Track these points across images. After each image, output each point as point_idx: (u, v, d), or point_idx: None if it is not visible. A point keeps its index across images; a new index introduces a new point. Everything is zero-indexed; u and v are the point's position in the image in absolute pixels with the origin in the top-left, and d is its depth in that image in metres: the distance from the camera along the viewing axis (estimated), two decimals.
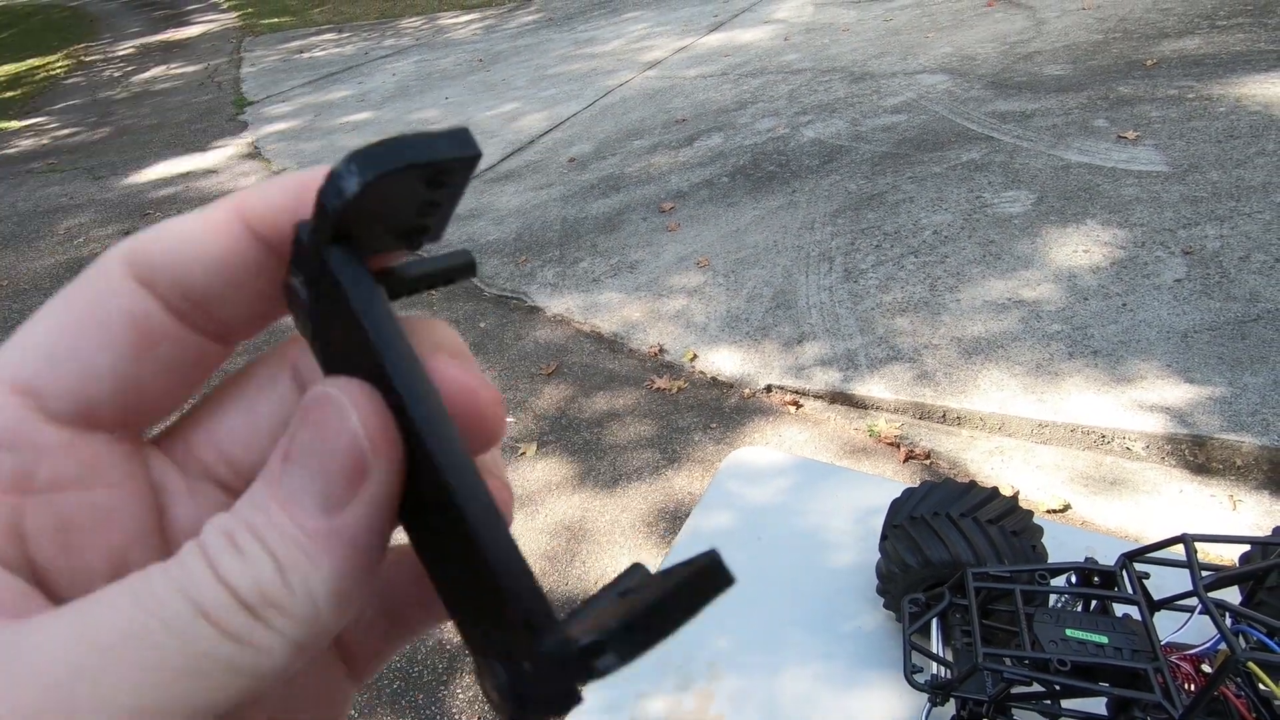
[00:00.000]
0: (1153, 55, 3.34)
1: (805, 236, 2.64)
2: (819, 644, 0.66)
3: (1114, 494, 1.61)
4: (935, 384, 1.91)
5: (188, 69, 7.52)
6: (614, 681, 0.66)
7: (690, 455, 1.94)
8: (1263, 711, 0.41)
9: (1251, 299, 1.90)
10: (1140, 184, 2.45)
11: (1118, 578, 0.47)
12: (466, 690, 1.50)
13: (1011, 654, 0.43)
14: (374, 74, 6.02)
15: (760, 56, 4.62)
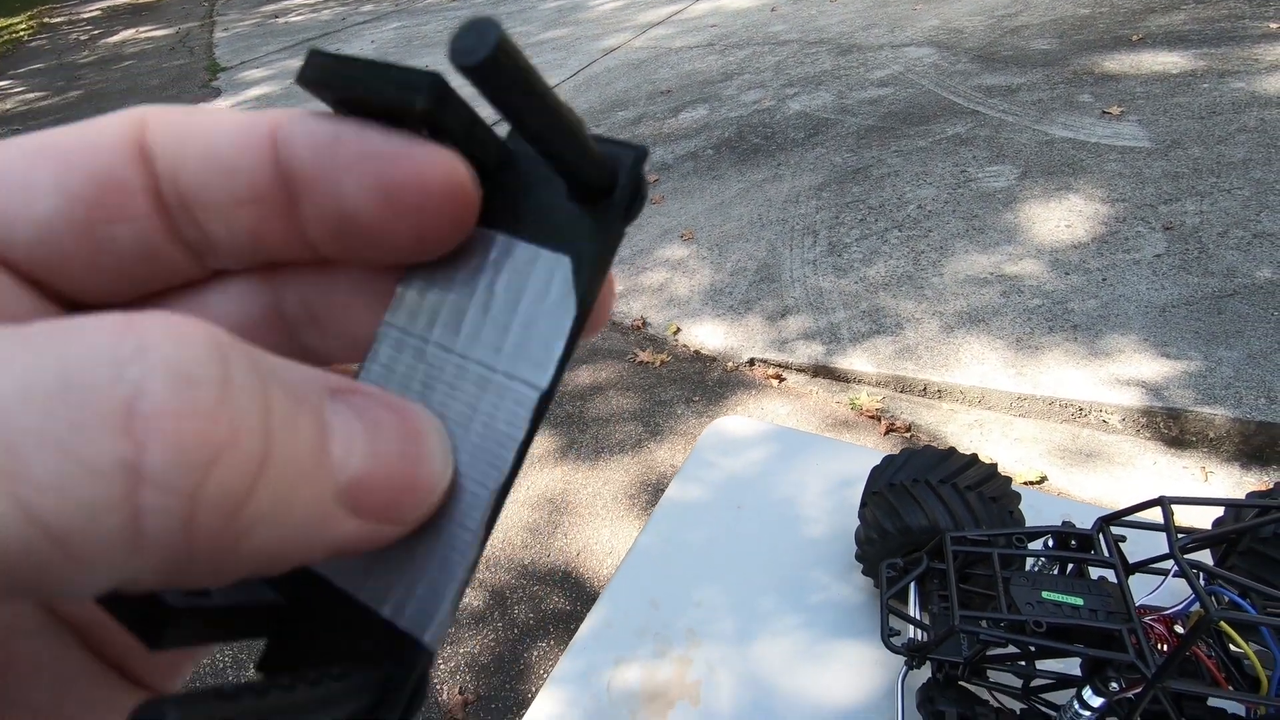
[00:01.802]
0: (1139, 30, 3.34)
1: (790, 210, 2.62)
2: (797, 610, 0.66)
3: (1090, 466, 1.63)
4: (917, 357, 1.92)
5: (158, 32, 7.28)
6: (591, 649, 0.66)
7: (673, 428, 1.94)
8: (1232, 671, 0.41)
9: (1228, 274, 1.92)
10: (1123, 159, 2.46)
11: (1094, 541, 0.47)
12: (447, 661, 1.50)
13: (988, 616, 0.43)
14: (353, 40, 5.86)
15: (747, 27, 4.56)
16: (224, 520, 0.09)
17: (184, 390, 0.09)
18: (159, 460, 0.09)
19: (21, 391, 0.08)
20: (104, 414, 0.09)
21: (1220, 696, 0.39)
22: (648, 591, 0.70)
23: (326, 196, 0.13)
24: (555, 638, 1.51)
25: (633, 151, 0.14)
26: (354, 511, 0.11)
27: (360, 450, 0.11)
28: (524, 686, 1.44)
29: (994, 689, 0.48)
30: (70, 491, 0.08)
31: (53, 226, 0.12)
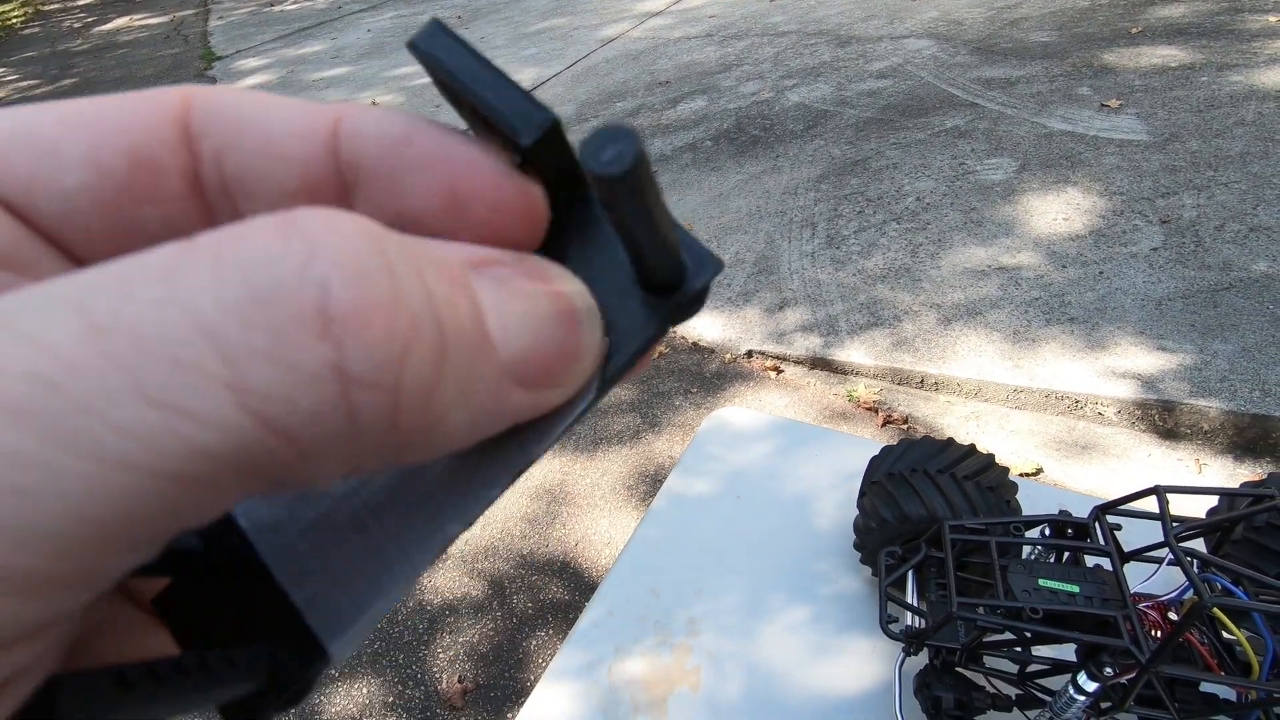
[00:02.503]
0: (1138, 22, 3.33)
1: (788, 202, 2.62)
2: (796, 599, 0.67)
3: (1085, 458, 1.64)
4: (914, 350, 1.93)
5: (152, 20, 7.22)
6: (592, 638, 0.67)
7: (671, 420, 1.94)
8: (1225, 656, 0.42)
9: (1224, 268, 1.93)
10: (1121, 152, 2.46)
11: (1090, 530, 0.47)
12: (447, 650, 1.51)
13: (985, 603, 0.44)
14: (348, 29, 5.82)
15: (746, 18, 4.54)
16: (423, 407, 0.10)
17: (362, 286, 0.09)
18: (359, 359, 0.09)
19: (217, 304, 0.09)
20: (300, 319, 0.09)
21: (1213, 681, 0.40)
22: (648, 581, 0.71)
23: (388, 194, 0.13)
24: (554, 627, 1.52)
25: (711, 261, 0.13)
26: (522, 383, 0.12)
27: (515, 323, 0.12)
28: (523, 675, 1.45)
29: (990, 675, 0.49)
30: (293, 398, 0.09)
31: (80, 200, 0.12)
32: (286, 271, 0.09)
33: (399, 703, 1.43)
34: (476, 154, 0.13)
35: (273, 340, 0.09)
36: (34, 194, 0.12)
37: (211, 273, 0.09)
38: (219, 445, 0.08)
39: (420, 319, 0.10)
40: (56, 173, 0.12)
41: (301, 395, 0.09)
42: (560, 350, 0.12)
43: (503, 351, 0.11)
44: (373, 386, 0.09)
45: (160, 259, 0.09)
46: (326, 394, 0.09)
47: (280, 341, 0.09)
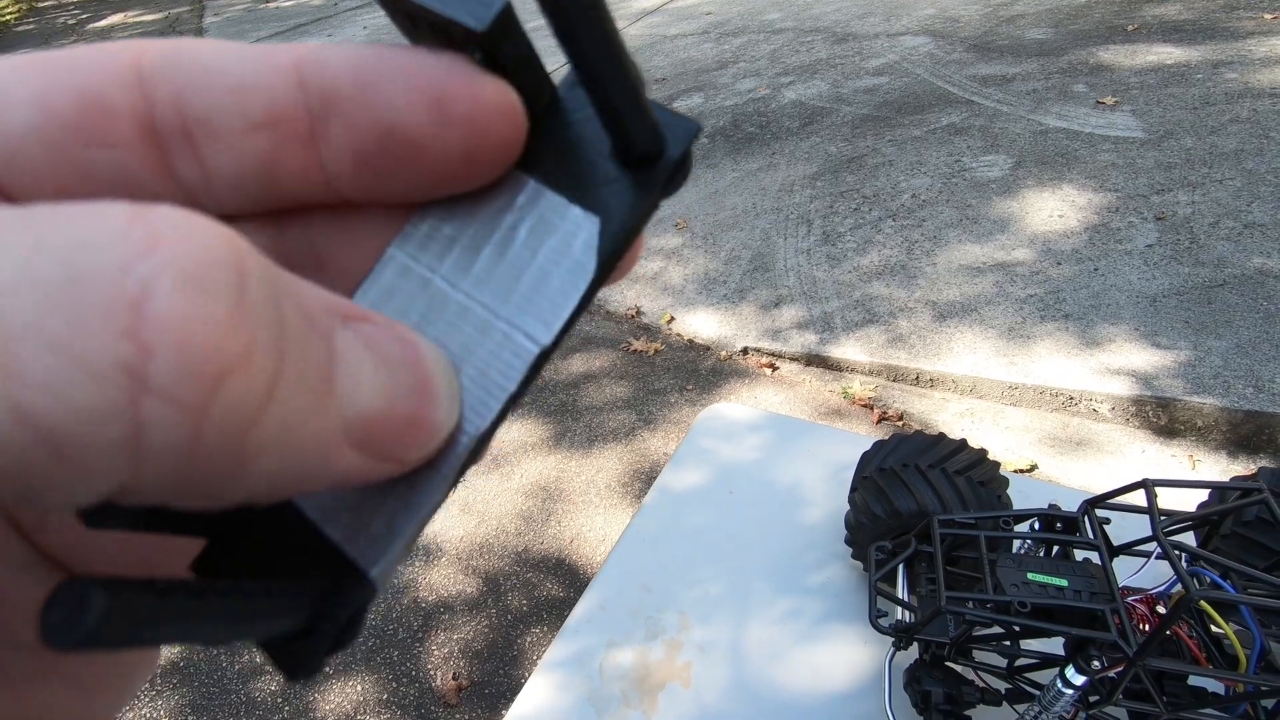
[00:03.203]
0: (1134, 20, 3.33)
1: (784, 199, 2.62)
2: (787, 593, 0.67)
3: (1079, 454, 1.65)
4: (909, 347, 1.93)
5: (147, 17, 7.20)
6: (584, 631, 0.67)
7: (666, 416, 1.94)
8: (1213, 650, 0.42)
9: (1219, 264, 1.93)
10: (1116, 150, 2.46)
11: (1079, 524, 0.47)
12: (441, 647, 1.51)
13: (974, 597, 0.44)
14: (345, 26, 5.81)
15: (743, 15, 4.53)
16: (230, 442, 0.09)
17: (197, 295, 0.08)
18: (165, 369, 0.08)
19: (20, 278, 0.08)
20: (108, 311, 0.08)
21: (1200, 674, 0.40)
22: (640, 575, 0.71)
23: (366, 112, 0.12)
24: (548, 624, 1.52)
25: (686, 124, 0.13)
26: (356, 446, 0.11)
27: (368, 383, 0.11)
28: (517, 672, 1.45)
29: (979, 669, 0.49)
30: (67, 394, 0.08)
31: (26, 142, 0.11)
32: (112, 258, 0.08)
33: (393, 700, 1.43)
34: (446, 57, 0.12)
35: (65, 325, 0.08)
36: None
37: (32, 242, 0.08)
38: None
39: (258, 344, 0.09)
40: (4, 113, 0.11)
41: (77, 390, 0.08)
42: (408, 424, 0.12)
43: (346, 408, 0.10)
44: (172, 402, 0.08)
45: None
46: (109, 396, 0.08)
47: (75, 330, 0.08)
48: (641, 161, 0.13)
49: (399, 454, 0.12)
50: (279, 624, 0.11)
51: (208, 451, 0.09)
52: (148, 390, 0.08)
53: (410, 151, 0.12)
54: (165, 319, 0.08)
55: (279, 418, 0.09)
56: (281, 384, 0.09)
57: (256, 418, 0.09)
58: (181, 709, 1.46)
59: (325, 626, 0.12)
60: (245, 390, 0.09)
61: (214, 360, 0.08)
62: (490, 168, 0.13)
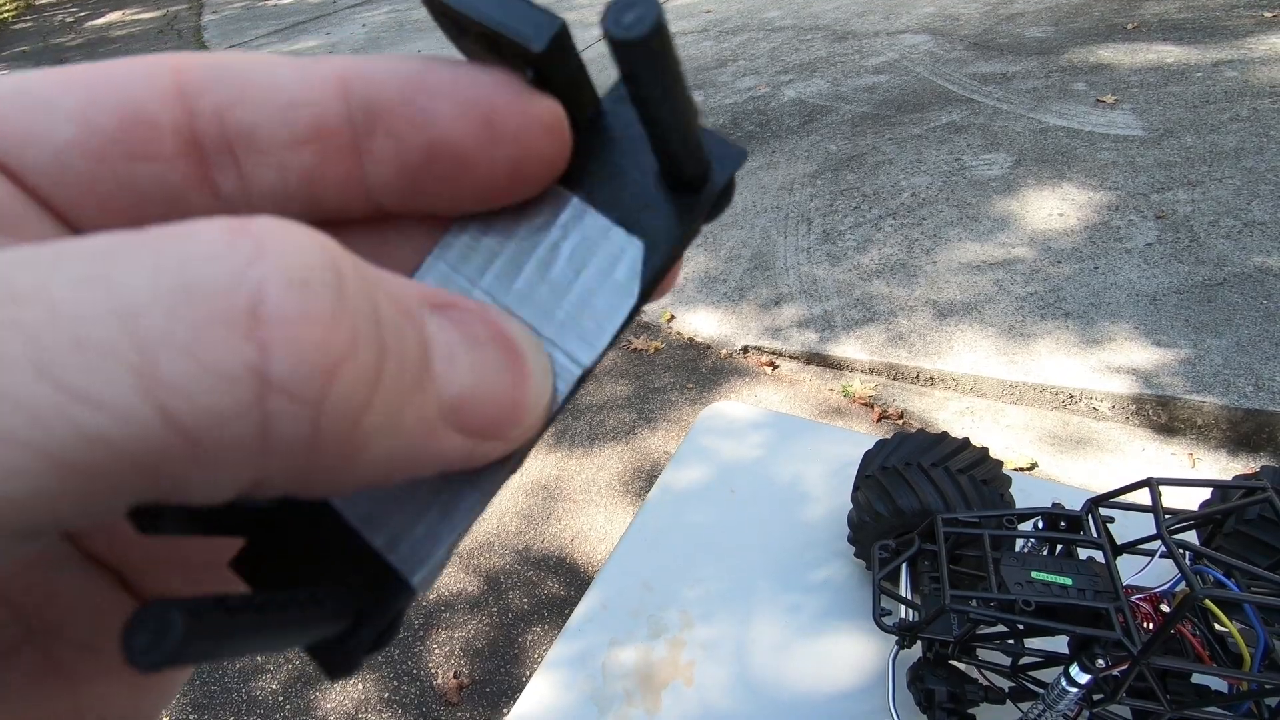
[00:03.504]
0: (1134, 18, 3.33)
1: (784, 197, 2.62)
2: (790, 592, 0.67)
3: (1079, 453, 1.65)
4: (910, 345, 1.93)
5: (145, 15, 7.18)
6: (586, 630, 0.67)
7: (666, 415, 1.94)
8: (1217, 648, 0.42)
9: (1219, 263, 1.93)
10: (1116, 148, 2.46)
11: (1083, 522, 0.47)
12: (442, 646, 1.51)
13: (978, 595, 0.44)
14: (343, 24, 5.79)
15: (742, 13, 4.53)
16: (346, 429, 0.09)
17: (303, 295, 0.09)
18: (284, 366, 0.09)
19: (150, 297, 0.08)
20: (228, 318, 0.08)
21: (1204, 673, 0.40)
22: (642, 574, 0.71)
23: (412, 127, 0.12)
24: (550, 622, 1.52)
25: (734, 152, 0.13)
26: (458, 428, 0.11)
27: (462, 366, 0.11)
28: (518, 670, 1.45)
29: (983, 667, 0.49)
30: (202, 396, 0.08)
31: (70, 155, 0.12)
32: (225, 269, 0.09)
33: (394, 698, 1.43)
34: (495, 73, 0.12)
35: (194, 333, 0.08)
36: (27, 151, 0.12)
37: (149, 260, 0.09)
38: (112, 431, 0.08)
39: (361, 337, 0.09)
40: (49, 129, 0.12)
41: (212, 394, 0.08)
42: (505, 403, 0.12)
43: (444, 391, 0.11)
44: (293, 397, 0.09)
45: (102, 240, 0.09)
46: (240, 396, 0.08)
47: (201, 335, 0.08)
48: (687, 186, 0.13)
49: (498, 432, 0.12)
50: (325, 629, 0.12)
51: (326, 441, 0.09)
52: (270, 387, 0.09)
53: (457, 166, 0.12)
54: (279, 320, 0.09)
55: (384, 404, 0.10)
56: (385, 372, 0.10)
57: (366, 405, 0.09)
58: (183, 707, 1.46)
59: (366, 629, 0.12)
60: (355, 380, 0.09)
61: (326, 354, 0.09)
62: (535, 184, 0.13)
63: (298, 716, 1.43)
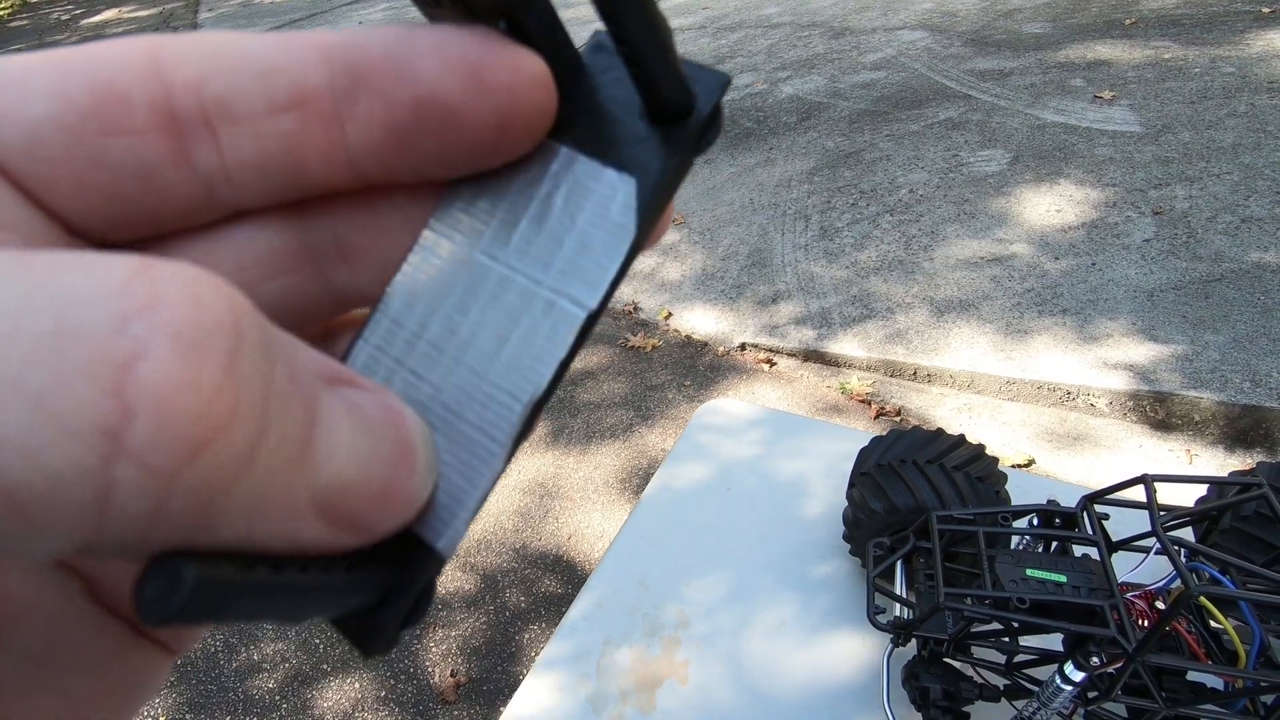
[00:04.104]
0: (1132, 14, 3.33)
1: (782, 194, 2.61)
2: (785, 590, 0.67)
3: (1076, 449, 1.65)
4: (907, 342, 1.93)
5: (141, 13, 7.16)
6: (582, 629, 0.66)
7: (663, 413, 1.94)
8: (1212, 645, 0.41)
9: (1216, 259, 1.93)
10: (1114, 144, 2.46)
11: (1078, 519, 0.47)
12: (439, 644, 1.51)
13: (972, 593, 0.44)
14: (340, 22, 5.78)
15: (740, 9, 4.52)
16: (196, 510, 0.09)
17: (189, 357, 0.08)
18: (145, 433, 0.08)
19: (10, 325, 0.07)
20: (94, 369, 0.08)
21: (1199, 670, 0.40)
22: (637, 572, 0.71)
23: (398, 85, 0.12)
24: (546, 621, 1.52)
25: (716, 77, 0.13)
26: (322, 515, 0.10)
27: (344, 452, 0.11)
28: (515, 669, 1.45)
29: (978, 665, 0.49)
30: (39, 454, 0.07)
31: (44, 132, 0.11)
32: (106, 315, 0.08)
33: (391, 697, 1.43)
34: (476, 29, 0.12)
35: (49, 380, 0.07)
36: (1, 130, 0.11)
37: (27, 293, 0.08)
38: None
39: (242, 411, 0.09)
40: (22, 106, 0.11)
41: (52, 451, 0.07)
42: (378, 495, 0.11)
43: (319, 476, 0.10)
44: (145, 468, 0.08)
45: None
46: (85, 458, 0.08)
47: (56, 384, 0.07)
48: (673, 117, 0.13)
49: (366, 525, 0.11)
50: (352, 599, 0.12)
51: (172, 517, 0.08)
52: (122, 453, 0.08)
53: (445, 122, 0.12)
54: (153, 382, 0.08)
55: (249, 486, 0.09)
56: (260, 451, 0.09)
57: (228, 486, 0.09)
58: (179, 706, 1.46)
59: (398, 601, 0.12)
60: (223, 458, 0.08)
61: (196, 428, 0.08)
62: (523, 138, 0.13)
63: (295, 715, 1.42)
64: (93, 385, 0.08)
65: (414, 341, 0.14)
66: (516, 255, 0.13)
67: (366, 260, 0.14)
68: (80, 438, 0.08)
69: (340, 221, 0.14)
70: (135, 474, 0.08)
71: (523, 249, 0.13)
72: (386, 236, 0.14)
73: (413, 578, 0.12)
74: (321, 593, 0.11)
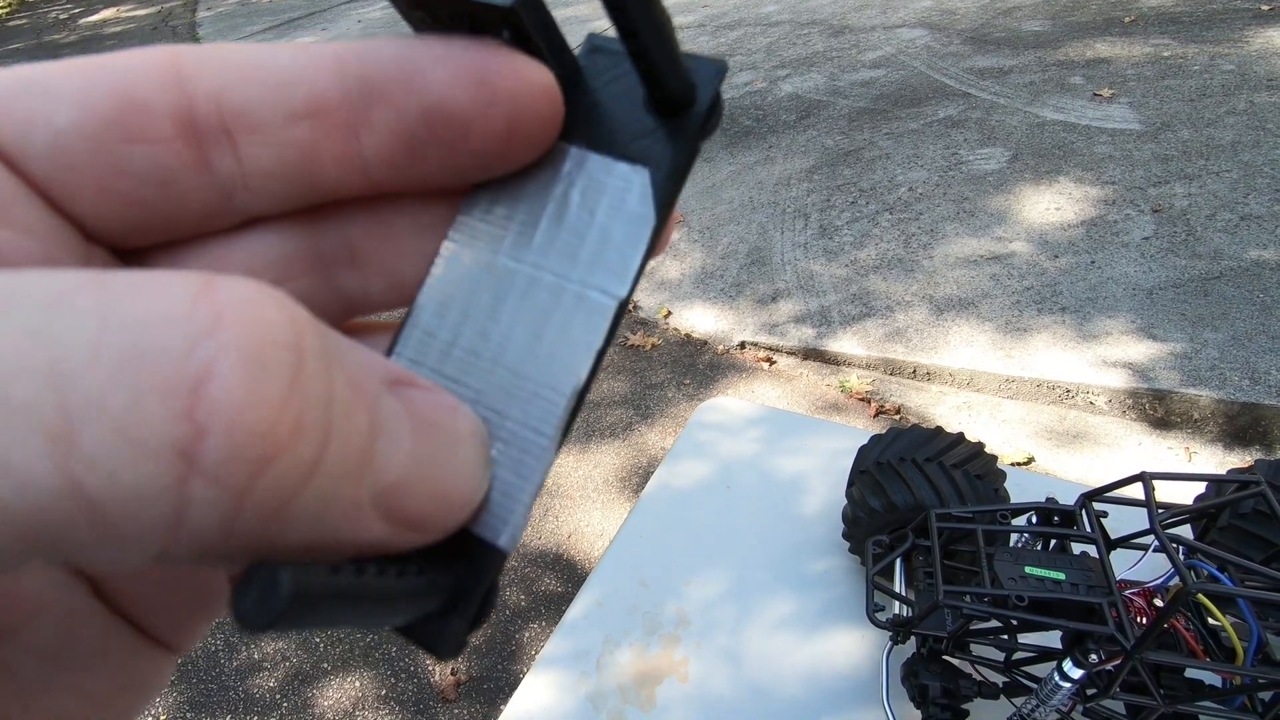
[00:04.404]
0: (1131, 12, 3.33)
1: (781, 193, 2.61)
2: (785, 588, 0.67)
3: (1076, 447, 1.65)
4: (907, 340, 1.93)
5: (139, 12, 7.15)
6: (581, 627, 0.66)
7: (663, 411, 1.94)
8: (1210, 642, 0.42)
9: (1215, 257, 1.93)
10: (1113, 142, 2.46)
11: (1077, 517, 0.47)
12: None
13: (971, 591, 0.44)
14: (339, 20, 5.77)
15: (739, 7, 4.52)
16: (267, 519, 0.09)
17: (254, 376, 0.08)
18: (217, 453, 0.08)
19: (92, 349, 0.08)
20: (168, 391, 0.08)
21: (1197, 667, 0.40)
22: (637, 571, 0.71)
23: (410, 94, 0.12)
24: (547, 619, 1.52)
25: (712, 66, 0.13)
26: (385, 516, 0.11)
27: (405, 453, 0.11)
28: (516, 667, 1.45)
29: (977, 662, 0.49)
30: (119, 472, 0.08)
31: (68, 139, 0.12)
32: (177, 338, 0.08)
33: (392, 695, 1.43)
34: (483, 40, 0.13)
35: (127, 403, 0.08)
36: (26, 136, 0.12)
37: (98, 316, 0.08)
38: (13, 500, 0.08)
39: (307, 425, 0.09)
40: (48, 114, 0.12)
41: (132, 471, 0.08)
42: (439, 495, 0.12)
43: (381, 478, 0.10)
44: (219, 484, 0.08)
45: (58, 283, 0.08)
46: (162, 476, 0.08)
47: (134, 407, 0.08)
48: (677, 108, 0.13)
49: (427, 524, 0.12)
50: (426, 603, 0.12)
51: (244, 527, 0.09)
52: (197, 471, 0.08)
53: (456, 131, 0.13)
54: (223, 402, 0.08)
55: (316, 493, 0.09)
56: (324, 461, 0.09)
57: (295, 495, 0.09)
58: (180, 705, 1.46)
59: (466, 602, 0.12)
60: (289, 470, 0.09)
61: (264, 444, 0.08)
62: (533, 145, 0.13)
63: (295, 714, 1.43)
64: (167, 407, 0.08)
65: (449, 350, 0.14)
66: (540, 254, 0.14)
67: (376, 266, 0.15)
68: (158, 457, 0.08)
69: (351, 227, 0.15)
70: (208, 491, 0.08)
71: (546, 248, 0.14)
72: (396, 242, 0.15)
73: (479, 577, 0.13)
74: (399, 596, 0.11)
